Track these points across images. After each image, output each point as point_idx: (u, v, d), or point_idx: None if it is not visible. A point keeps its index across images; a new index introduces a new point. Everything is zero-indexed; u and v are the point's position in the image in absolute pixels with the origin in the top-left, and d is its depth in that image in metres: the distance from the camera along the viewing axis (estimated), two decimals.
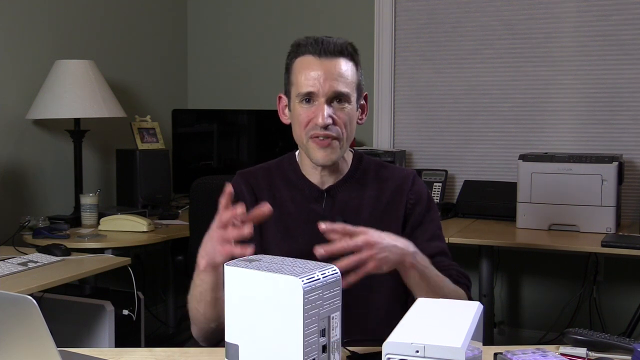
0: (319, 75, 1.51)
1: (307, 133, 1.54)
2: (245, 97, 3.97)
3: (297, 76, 1.54)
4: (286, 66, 1.59)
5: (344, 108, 1.54)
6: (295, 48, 1.56)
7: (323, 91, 1.51)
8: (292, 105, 1.58)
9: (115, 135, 3.44)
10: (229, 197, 1.33)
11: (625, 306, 3.19)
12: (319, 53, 1.52)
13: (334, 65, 1.52)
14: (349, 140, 1.59)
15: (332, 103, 1.53)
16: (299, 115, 1.55)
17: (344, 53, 1.54)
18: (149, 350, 1.40)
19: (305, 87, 1.52)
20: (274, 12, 3.92)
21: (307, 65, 1.52)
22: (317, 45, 1.52)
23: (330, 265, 1.10)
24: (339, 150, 1.56)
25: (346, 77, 1.53)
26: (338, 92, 1.52)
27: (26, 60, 3.06)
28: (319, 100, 1.52)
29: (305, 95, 1.53)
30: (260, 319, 1.07)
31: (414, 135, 3.68)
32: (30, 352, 1.02)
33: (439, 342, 0.95)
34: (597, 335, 1.36)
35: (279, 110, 1.65)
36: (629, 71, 3.24)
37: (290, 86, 1.57)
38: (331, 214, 1.59)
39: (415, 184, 1.66)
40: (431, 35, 3.60)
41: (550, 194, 2.93)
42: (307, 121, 1.53)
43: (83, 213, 2.96)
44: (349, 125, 1.56)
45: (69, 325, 2.56)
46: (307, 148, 1.56)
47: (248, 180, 1.64)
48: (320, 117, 1.51)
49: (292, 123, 1.60)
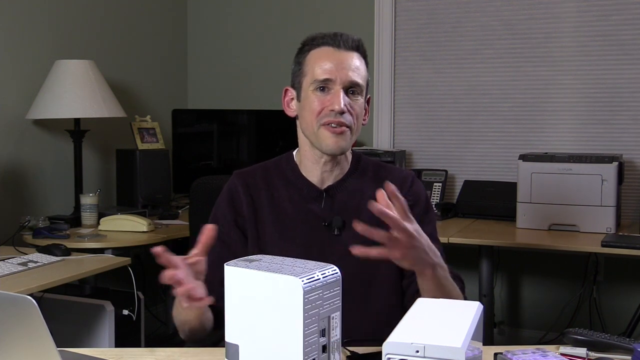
0: (337, 64, 1.53)
1: (320, 120, 1.54)
2: (245, 97, 3.97)
3: (312, 66, 1.55)
4: (297, 59, 1.60)
5: (357, 100, 1.56)
6: (311, 41, 1.58)
7: (340, 79, 1.53)
8: (303, 95, 1.58)
9: (115, 135, 3.44)
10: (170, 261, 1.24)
11: (625, 306, 3.19)
12: (337, 45, 1.55)
13: (350, 57, 1.55)
14: (357, 133, 1.60)
15: (346, 93, 1.54)
16: (312, 102, 1.55)
17: (359, 49, 1.58)
18: (149, 350, 1.40)
19: (322, 74, 1.53)
20: (274, 12, 3.92)
21: (325, 55, 1.54)
22: (335, 37, 1.55)
23: (330, 265, 1.10)
24: (348, 139, 1.56)
25: (360, 71, 1.56)
26: (354, 82, 1.54)
27: (26, 60, 3.06)
28: (335, 88, 1.53)
29: (322, 83, 1.53)
30: (260, 319, 1.07)
31: (414, 135, 3.68)
32: (30, 352, 1.02)
33: (439, 342, 0.95)
34: (597, 335, 1.36)
35: (284, 104, 1.65)
36: (629, 71, 3.24)
37: (303, 77, 1.57)
38: (330, 214, 1.59)
39: (413, 185, 1.66)
40: (431, 35, 3.60)
41: (550, 194, 2.93)
42: (321, 109, 1.54)
43: (83, 213, 2.96)
44: (359, 118, 1.57)
45: (69, 325, 2.56)
46: (318, 136, 1.55)
47: (245, 180, 1.64)
48: (336, 103, 1.51)
49: (301, 114, 1.59)
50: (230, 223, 1.60)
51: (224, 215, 1.62)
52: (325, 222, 1.59)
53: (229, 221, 1.60)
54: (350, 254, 1.53)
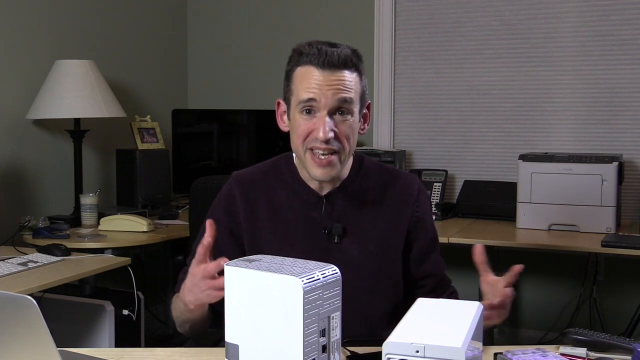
0: (321, 86, 1.44)
1: (306, 145, 1.48)
2: (245, 97, 3.97)
3: (297, 86, 1.48)
4: (286, 73, 1.52)
5: (346, 120, 1.48)
6: (297, 56, 1.49)
7: (325, 102, 1.44)
8: (291, 115, 1.52)
9: (115, 135, 3.44)
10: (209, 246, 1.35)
11: (625, 306, 3.19)
12: (322, 65, 1.45)
13: (336, 77, 1.45)
14: (350, 153, 1.53)
15: (333, 115, 1.46)
16: (298, 126, 1.48)
17: (347, 65, 1.47)
18: (149, 350, 1.40)
19: (307, 96, 1.45)
20: (274, 12, 3.91)
21: (309, 76, 1.46)
22: (320, 56, 1.45)
23: (330, 265, 1.10)
24: (338, 165, 1.50)
25: (349, 90, 1.47)
26: (340, 105, 1.46)
27: (26, 60, 3.06)
28: (320, 113, 1.45)
29: (306, 106, 1.46)
30: (260, 319, 1.07)
31: (414, 135, 3.68)
32: (30, 352, 1.02)
33: (439, 342, 0.95)
34: (597, 335, 1.36)
35: (277, 116, 1.59)
36: (629, 71, 3.24)
37: (290, 95, 1.50)
38: (330, 221, 1.56)
39: (420, 195, 1.63)
40: (431, 35, 3.60)
41: (550, 194, 2.93)
42: (307, 133, 1.47)
43: (83, 213, 2.96)
44: (351, 137, 1.50)
45: (69, 325, 2.55)
46: (305, 161, 1.50)
47: (243, 185, 1.59)
48: (321, 131, 1.44)
49: (291, 132, 1.54)
50: (225, 231, 1.56)
51: (219, 223, 1.54)
52: (325, 229, 1.55)
53: (224, 229, 1.55)
54: (350, 261, 1.53)
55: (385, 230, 1.58)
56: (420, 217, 1.62)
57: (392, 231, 1.58)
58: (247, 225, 1.57)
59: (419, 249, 1.62)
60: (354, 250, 1.55)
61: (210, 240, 1.34)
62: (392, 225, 1.58)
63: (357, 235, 1.56)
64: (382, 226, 1.58)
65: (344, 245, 1.55)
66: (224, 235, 1.56)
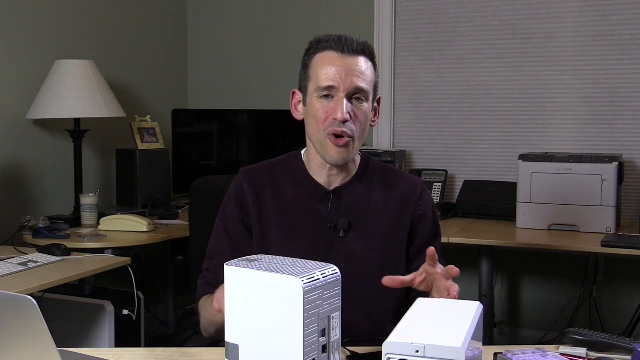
0: (340, 71, 1.51)
1: (325, 129, 1.53)
2: (245, 97, 3.97)
3: (317, 71, 1.53)
4: (304, 62, 1.58)
5: (362, 106, 1.54)
6: (316, 44, 1.56)
7: (344, 86, 1.50)
8: (308, 101, 1.56)
9: (115, 135, 3.44)
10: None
11: (625, 306, 3.19)
12: (341, 50, 1.52)
13: (355, 62, 1.52)
14: (362, 140, 1.58)
15: (351, 100, 1.52)
16: (316, 110, 1.53)
17: (365, 52, 1.55)
18: (149, 350, 1.40)
19: (326, 81, 1.51)
20: (274, 12, 3.91)
21: (329, 61, 1.52)
22: (339, 42, 1.52)
23: (330, 265, 1.10)
24: (352, 150, 1.55)
25: (366, 75, 1.54)
26: (358, 88, 1.52)
27: (26, 60, 3.06)
28: (338, 95, 1.51)
29: (325, 90, 1.52)
30: (260, 319, 1.07)
31: (414, 135, 3.68)
32: (30, 352, 1.02)
33: (439, 342, 0.95)
34: (597, 335, 1.36)
35: (292, 106, 1.64)
36: (629, 71, 3.24)
37: (308, 81, 1.56)
38: (337, 215, 1.58)
39: (423, 195, 1.66)
40: (431, 35, 3.60)
41: (550, 194, 2.93)
42: (326, 117, 1.52)
43: (83, 213, 2.96)
44: (365, 124, 1.56)
45: (69, 325, 2.55)
46: (323, 145, 1.54)
47: (251, 178, 1.63)
48: (339, 112, 1.50)
49: (307, 119, 1.59)
50: (239, 222, 1.60)
51: (232, 215, 1.61)
52: (332, 223, 1.58)
53: (237, 221, 1.60)
54: (355, 256, 1.54)
55: (390, 226, 1.60)
56: (422, 214, 1.64)
57: (396, 228, 1.60)
58: (255, 216, 1.60)
59: (419, 242, 1.63)
60: (358, 245, 1.57)
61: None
62: (396, 222, 1.61)
63: (362, 231, 1.58)
64: (387, 223, 1.60)
65: (349, 239, 1.57)
66: (239, 227, 1.60)
